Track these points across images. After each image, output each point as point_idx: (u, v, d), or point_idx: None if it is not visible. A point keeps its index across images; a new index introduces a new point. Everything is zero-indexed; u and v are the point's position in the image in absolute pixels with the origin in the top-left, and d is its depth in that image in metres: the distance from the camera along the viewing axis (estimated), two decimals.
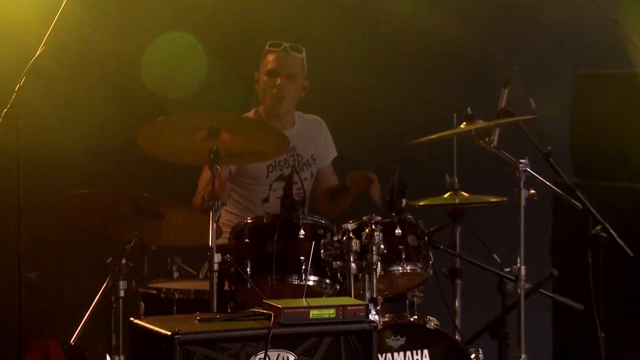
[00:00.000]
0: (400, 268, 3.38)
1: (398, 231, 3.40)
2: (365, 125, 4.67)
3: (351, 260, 3.20)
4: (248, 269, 3.29)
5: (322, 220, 3.44)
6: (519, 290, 3.58)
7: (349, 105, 4.61)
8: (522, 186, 3.53)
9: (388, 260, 3.32)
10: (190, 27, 4.32)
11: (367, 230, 3.24)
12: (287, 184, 3.38)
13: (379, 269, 3.23)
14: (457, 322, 3.88)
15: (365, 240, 3.22)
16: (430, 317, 3.42)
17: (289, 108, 3.97)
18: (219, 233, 3.26)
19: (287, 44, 3.91)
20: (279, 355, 2.63)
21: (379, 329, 2.94)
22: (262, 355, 2.59)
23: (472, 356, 3.46)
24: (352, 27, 4.64)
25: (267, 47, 3.94)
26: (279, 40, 3.94)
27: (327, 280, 3.32)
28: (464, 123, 3.66)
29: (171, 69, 4.36)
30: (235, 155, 3.39)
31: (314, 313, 2.67)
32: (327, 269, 3.30)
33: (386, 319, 3.33)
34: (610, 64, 4.64)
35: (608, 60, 4.70)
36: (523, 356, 3.55)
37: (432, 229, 3.79)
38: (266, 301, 2.75)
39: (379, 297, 3.26)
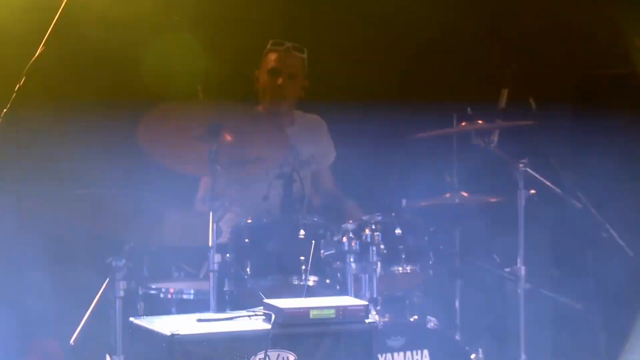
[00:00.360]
0: (400, 268, 3.38)
1: (398, 231, 3.40)
2: (365, 124, 4.67)
3: (351, 260, 3.20)
4: (248, 269, 3.29)
5: (322, 220, 3.44)
6: (519, 291, 3.58)
7: (349, 104, 4.61)
8: (522, 186, 3.54)
9: (388, 260, 3.32)
10: (192, 24, 4.32)
11: (367, 231, 3.24)
12: (287, 183, 3.38)
13: (378, 269, 3.23)
14: (457, 322, 3.88)
15: (366, 240, 3.22)
16: (430, 317, 3.43)
17: (288, 107, 3.98)
18: (219, 232, 3.25)
19: (289, 43, 3.91)
20: (279, 355, 2.63)
21: (379, 329, 2.94)
22: (262, 356, 2.59)
23: (472, 356, 3.46)
24: (353, 26, 4.64)
25: (269, 46, 3.94)
26: (280, 39, 3.95)
27: (327, 280, 3.32)
28: (464, 123, 3.66)
29: (171, 67, 4.36)
30: (235, 163, 3.41)
31: (314, 313, 2.66)
32: (327, 269, 3.30)
33: (386, 319, 3.33)
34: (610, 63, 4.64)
35: (608, 60, 4.70)
36: (523, 356, 3.55)
37: (432, 229, 3.79)
38: (266, 301, 2.75)
39: (379, 297, 3.26)
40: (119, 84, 4.22)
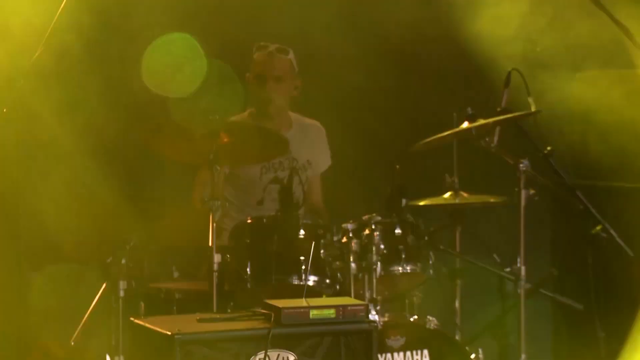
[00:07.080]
0: (400, 268, 3.38)
1: (398, 231, 3.40)
2: (364, 125, 4.67)
3: (351, 260, 3.21)
4: (248, 269, 3.29)
5: (321, 220, 3.43)
6: (518, 290, 3.58)
7: (348, 105, 4.61)
8: (522, 186, 3.53)
9: (388, 260, 3.32)
10: (190, 27, 4.32)
11: (367, 231, 3.25)
12: (287, 184, 3.38)
13: (378, 269, 3.24)
14: (457, 322, 3.88)
15: (365, 241, 3.23)
16: (430, 317, 3.42)
17: (279, 109, 3.95)
18: (218, 233, 3.25)
19: (273, 45, 3.89)
20: (279, 355, 2.63)
21: (378, 328, 2.94)
22: (262, 355, 2.59)
23: (472, 356, 3.46)
24: (351, 27, 4.63)
25: (254, 50, 3.93)
26: (266, 42, 3.92)
27: (327, 280, 3.32)
28: (465, 123, 3.66)
29: (171, 69, 4.37)
30: (233, 156, 3.43)
31: (314, 313, 2.67)
32: (327, 269, 3.30)
33: (386, 319, 3.33)
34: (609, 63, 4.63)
35: (607, 60, 4.69)
36: (523, 356, 3.55)
37: (432, 229, 3.79)
38: (266, 301, 2.75)
39: (378, 297, 3.26)
40: (119, 84, 4.22)
